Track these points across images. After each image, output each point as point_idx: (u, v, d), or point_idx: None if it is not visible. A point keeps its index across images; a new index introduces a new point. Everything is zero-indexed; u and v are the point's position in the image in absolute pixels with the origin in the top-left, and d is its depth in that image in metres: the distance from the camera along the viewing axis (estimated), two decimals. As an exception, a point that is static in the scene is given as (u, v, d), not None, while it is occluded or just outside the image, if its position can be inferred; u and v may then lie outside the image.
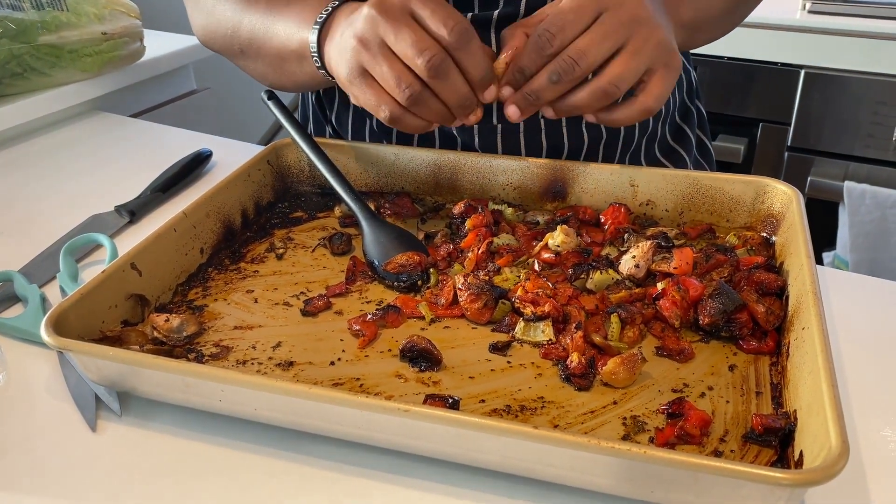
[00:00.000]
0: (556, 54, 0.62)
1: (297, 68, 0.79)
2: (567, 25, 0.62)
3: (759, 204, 0.71)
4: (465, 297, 0.62)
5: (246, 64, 0.86)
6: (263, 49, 0.81)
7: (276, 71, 0.82)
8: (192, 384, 0.51)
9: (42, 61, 1.10)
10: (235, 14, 0.83)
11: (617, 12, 0.62)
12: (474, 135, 0.83)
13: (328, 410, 0.48)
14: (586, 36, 0.62)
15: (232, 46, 0.85)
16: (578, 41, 0.62)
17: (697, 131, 0.98)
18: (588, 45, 0.62)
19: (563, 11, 0.62)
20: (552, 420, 0.52)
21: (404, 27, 0.61)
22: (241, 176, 0.77)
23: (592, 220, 0.73)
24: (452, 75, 0.62)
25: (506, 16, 0.76)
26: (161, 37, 1.39)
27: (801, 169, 1.68)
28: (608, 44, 0.62)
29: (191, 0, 0.89)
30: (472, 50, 0.62)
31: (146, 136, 1.09)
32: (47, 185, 0.94)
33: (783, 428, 0.48)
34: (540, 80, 0.63)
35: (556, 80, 0.62)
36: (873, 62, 1.52)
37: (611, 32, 0.62)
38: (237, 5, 0.83)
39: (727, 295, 0.59)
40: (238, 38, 0.83)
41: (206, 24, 0.87)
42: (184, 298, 0.66)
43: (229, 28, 0.83)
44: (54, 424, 0.56)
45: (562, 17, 0.62)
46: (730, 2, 0.81)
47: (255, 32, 0.81)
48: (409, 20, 0.62)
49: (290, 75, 0.82)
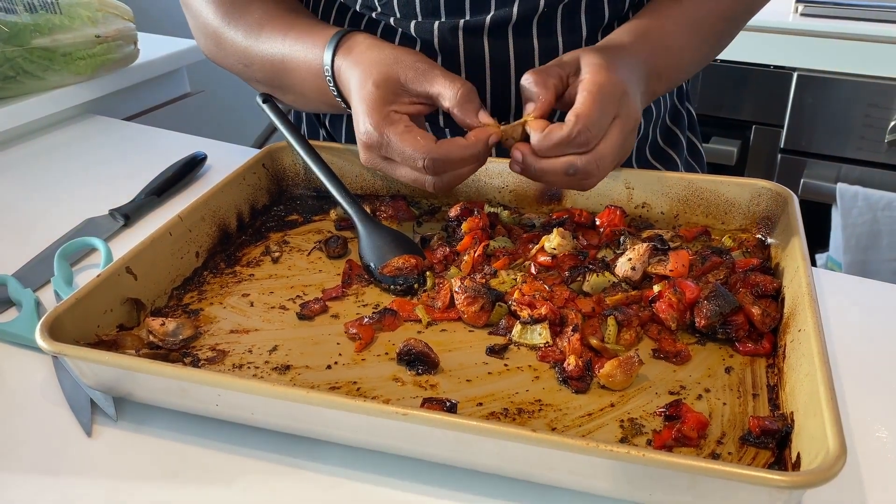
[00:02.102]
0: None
1: (327, 108, 0.81)
2: (601, 127, 0.63)
3: (754, 206, 0.71)
4: (461, 300, 0.62)
5: (268, 91, 0.85)
6: (283, 87, 0.80)
7: (301, 104, 0.83)
8: (188, 389, 0.51)
9: (35, 64, 1.10)
10: (244, 46, 0.80)
11: (626, 122, 0.65)
12: None
13: (325, 414, 0.48)
14: (607, 141, 0.64)
15: (247, 77, 0.84)
16: (601, 146, 0.63)
17: (688, 133, 0.99)
18: (606, 152, 0.64)
19: (592, 117, 0.62)
20: (550, 423, 0.52)
21: (386, 163, 0.66)
22: (236, 179, 0.77)
23: (588, 222, 0.74)
24: (452, 164, 0.64)
25: (498, 20, 0.76)
26: (155, 40, 1.39)
27: (793, 171, 1.69)
28: (619, 151, 0.65)
29: (194, 24, 0.86)
30: (453, 161, 0.64)
31: (140, 140, 1.08)
32: (41, 188, 0.94)
33: (780, 430, 0.49)
34: (556, 165, 0.64)
35: (573, 173, 0.64)
36: (865, 65, 1.53)
37: (620, 140, 0.64)
38: (241, 34, 0.80)
39: (723, 297, 0.59)
40: (252, 73, 0.82)
41: (215, 52, 0.85)
42: (179, 302, 0.66)
43: (240, 63, 0.82)
44: (50, 429, 0.55)
45: (597, 118, 0.62)
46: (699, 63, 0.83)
47: (270, 70, 0.80)
48: (386, 162, 0.66)
49: (318, 109, 0.84)
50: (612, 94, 0.63)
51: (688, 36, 0.78)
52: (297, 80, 0.78)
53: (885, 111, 1.55)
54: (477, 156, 0.65)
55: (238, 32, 0.81)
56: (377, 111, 0.65)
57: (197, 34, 0.87)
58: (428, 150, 0.63)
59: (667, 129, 0.95)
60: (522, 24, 0.76)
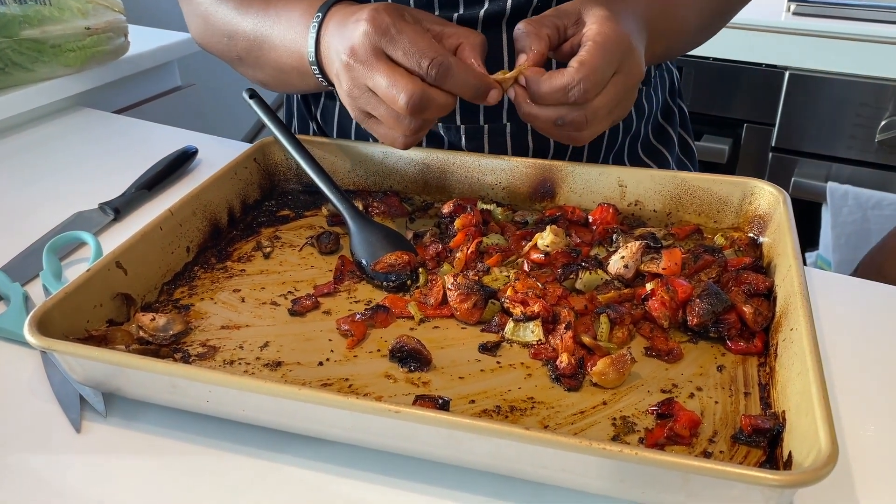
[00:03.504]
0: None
1: (299, 81, 0.79)
2: (600, 82, 0.62)
3: (746, 205, 0.71)
4: (454, 297, 0.61)
5: (244, 71, 0.85)
6: (261, 60, 0.80)
7: (276, 81, 0.82)
8: (179, 385, 0.50)
9: (24, 56, 1.09)
10: (230, 20, 0.81)
11: (627, 78, 0.64)
12: (461, 135, 0.83)
13: (317, 411, 0.48)
14: (603, 96, 0.63)
15: (229, 53, 0.84)
16: (596, 100, 0.63)
17: (680, 130, 0.98)
18: (600, 107, 0.63)
19: (596, 69, 0.61)
20: (542, 420, 0.52)
21: (377, 73, 0.62)
22: (227, 174, 0.76)
23: (581, 220, 0.73)
24: (436, 101, 0.62)
25: (492, 13, 0.76)
26: (145, 32, 1.37)
27: (784, 169, 1.69)
28: (613, 106, 0.64)
29: (186, 4, 0.87)
30: (457, 78, 0.62)
31: (130, 133, 1.07)
32: (29, 181, 0.93)
33: (772, 429, 0.49)
34: (546, 114, 0.63)
35: (561, 124, 0.63)
36: (857, 64, 1.54)
37: (616, 97, 0.64)
38: (231, 10, 0.81)
39: (715, 295, 0.59)
40: (235, 47, 0.82)
41: (203, 30, 0.85)
42: (170, 297, 0.66)
43: (225, 35, 0.82)
44: (38, 425, 0.55)
45: (600, 72, 0.61)
46: (702, 24, 0.81)
47: (251, 42, 0.79)
48: (381, 64, 0.62)
49: (292, 87, 0.82)
50: (617, 47, 0.62)
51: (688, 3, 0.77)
52: (272, 57, 0.77)
53: (876, 111, 1.55)
54: (476, 87, 0.63)
55: (227, 7, 0.81)
56: (393, 9, 0.63)
57: (188, 17, 0.87)
58: (441, 51, 0.61)
59: (658, 125, 0.95)
60: (516, 18, 0.76)
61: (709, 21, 0.82)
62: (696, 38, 0.83)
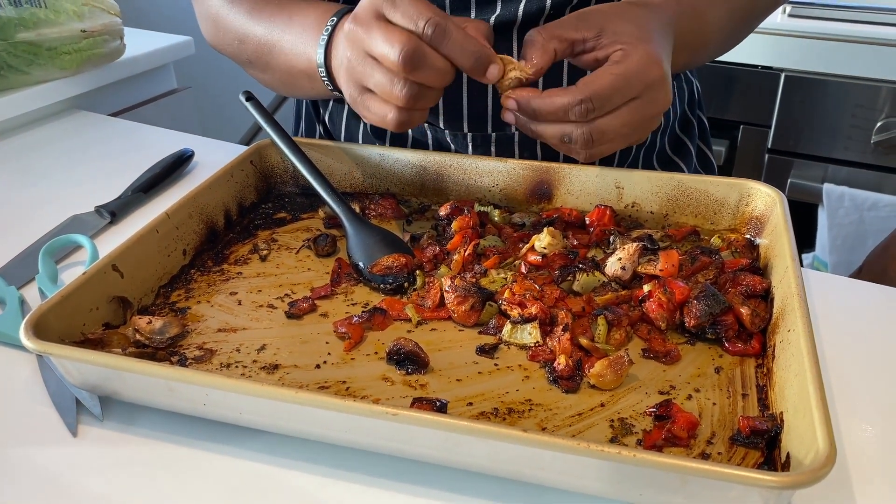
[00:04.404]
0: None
1: (308, 85, 0.78)
2: (607, 104, 0.61)
3: (743, 206, 0.71)
4: (451, 300, 0.61)
5: (255, 74, 0.85)
6: (271, 64, 0.80)
7: (286, 86, 0.82)
8: (175, 388, 0.50)
9: (20, 59, 1.08)
10: (242, 24, 0.81)
11: (648, 106, 0.62)
12: (468, 143, 0.83)
13: (314, 414, 0.48)
14: (614, 119, 0.61)
15: (240, 56, 0.84)
16: (606, 119, 0.61)
17: (699, 143, 0.97)
18: (609, 129, 0.62)
19: (608, 89, 0.60)
20: (540, 423, 0.52)
21: (374, 29, 0.61)
22: (224, 176, 0.76)
23: (578, 221, 0.73)
24: (431, 60, 0.61)
25: (503, 21, 0.75)
26: (141, 35, 1.37)
27: (781, 171, 1.69)
28: (626, 131, 0.63)
29: (198, 4, 0.87)
30: (454, 39, 0.60)
31: (126, 136, 1.07)
32: (25, 184, 0.93)
33: (770, 430, 0.49)
34: (551, 131, 0.63)
35: (567, 142, 0.62)
36: (852, 66, 1.54)
37: (631, 122, 0.62)
38: (243, 14, 0.81)
39: (713, 297, 0.59)
40: (245, 50, 0.82)
41: (214, 32, 0.85)
42: (166, 300, 0.65)
43: (235, 39, 0.82)
44: (34, 429, 0.54)
45: (607, 95, 0.60)
46: (730, 28, 0.80)
47: (262, 46, 0.79)
48: (379, 22, 0.61)
49: (301, 91, 0.82)
50: (640, 76, 0.61)
51: (718, 4, 0.75)
52: (282, 60, 0.77)
53: (872, 112, 1.56)
54: (474, 56, 0.61)
55: (239, 10, 0.81)
56: None
57: (200, 17, 0.87)
58: (440, 14, 0.60)
59: (676, 137, 0.93)
60: (528, 25, 0.75)
61: (738, 26, 0.81)
62: (722, 45, 0.81)
